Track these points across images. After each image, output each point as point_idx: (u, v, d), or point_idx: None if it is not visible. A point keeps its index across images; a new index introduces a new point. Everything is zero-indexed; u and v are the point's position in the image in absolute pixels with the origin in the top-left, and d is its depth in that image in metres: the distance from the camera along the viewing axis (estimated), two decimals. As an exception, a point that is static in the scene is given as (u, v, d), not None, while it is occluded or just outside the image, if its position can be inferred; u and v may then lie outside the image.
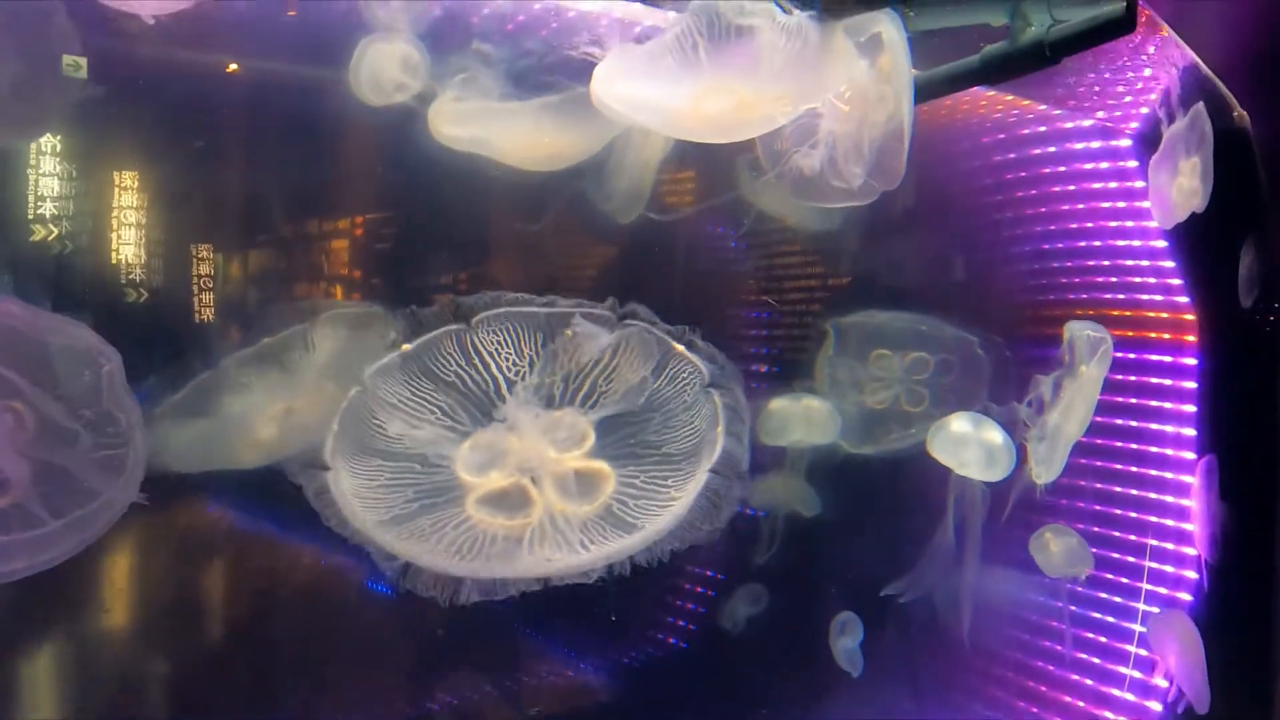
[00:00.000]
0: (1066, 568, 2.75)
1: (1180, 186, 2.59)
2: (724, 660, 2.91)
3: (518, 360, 1.61)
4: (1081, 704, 3.05)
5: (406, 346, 1.60)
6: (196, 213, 2.17)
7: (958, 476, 2.52)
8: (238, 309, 2.15)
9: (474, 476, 1.54)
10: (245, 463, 1.86)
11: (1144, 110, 2.91)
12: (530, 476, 1.54)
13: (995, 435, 2.41)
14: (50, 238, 1.96)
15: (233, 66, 2.15)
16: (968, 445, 2.42)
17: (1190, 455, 2.98)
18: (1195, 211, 2.62)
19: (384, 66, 2.07)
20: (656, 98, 1.56)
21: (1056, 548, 2.72)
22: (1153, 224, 2.86)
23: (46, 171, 1.98)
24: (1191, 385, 2.98)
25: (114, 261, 2.02)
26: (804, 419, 2.73)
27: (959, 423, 2.46)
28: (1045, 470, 2.40)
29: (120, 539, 2.08)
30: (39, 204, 1.96)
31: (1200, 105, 2.55)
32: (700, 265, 2.97)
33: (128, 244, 2.04)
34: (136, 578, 2.11)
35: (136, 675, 2.11)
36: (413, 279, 2.47)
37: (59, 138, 1.95)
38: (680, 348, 1.64)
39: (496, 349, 1.61)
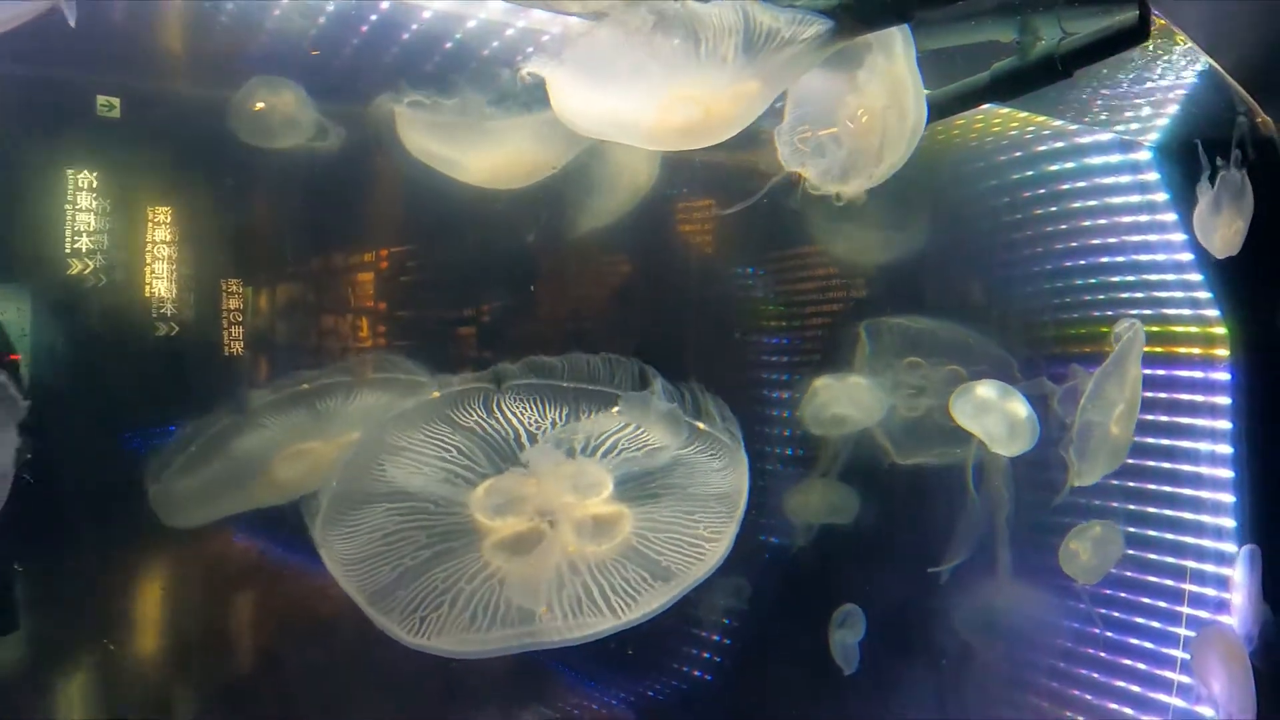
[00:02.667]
0: (1103, 564, 2.65)
1: (1224, 237, 2.55)
2: (748, 691, 2.85)
3: (539, 419, 1.61)
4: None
5: (437, 394, 1.60)
6: (227, 247, 2.23)
7: (980, 463, 2.47)
8: (266, 342, 2.19)
9: (490, 519, 1.50)
10: (261, 501, 1.86)
11: (1164, 121, 2.88)
12: (548, 521, 1.50)
13: (1020, 408, 2.36)
14: (86, 271, 2.02)
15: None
16: (990, 412, 2.38)
17: (1226, 473, 2.89)
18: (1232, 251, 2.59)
19: (263, 111, 2.10)
20: (623, 114, 1.51)
21: (1083, 548, 2.63)
22: (1178, 237, 2.82)
23: (84, 207, 2.05)
24: (1225, 401, 2.91)
25: (146, 295, 2.08)
26: (849, 396, 2.68)
27: (985, 388, 2.41)
28: (1081, 468, 2.32)
29: (146, 567, 2.12)
30: (76, 238, 2.03)
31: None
32: (723, 288, 2.98)
33: (159, 278, 2.10)
34: (163, 606, 2.14)
35: (160, 703, 2.12)
36: (437, 311, 2.51)
37: (95, 174, 2.02)
38: (703, 426, 1.60)
39: (520, 411, 1.61)
